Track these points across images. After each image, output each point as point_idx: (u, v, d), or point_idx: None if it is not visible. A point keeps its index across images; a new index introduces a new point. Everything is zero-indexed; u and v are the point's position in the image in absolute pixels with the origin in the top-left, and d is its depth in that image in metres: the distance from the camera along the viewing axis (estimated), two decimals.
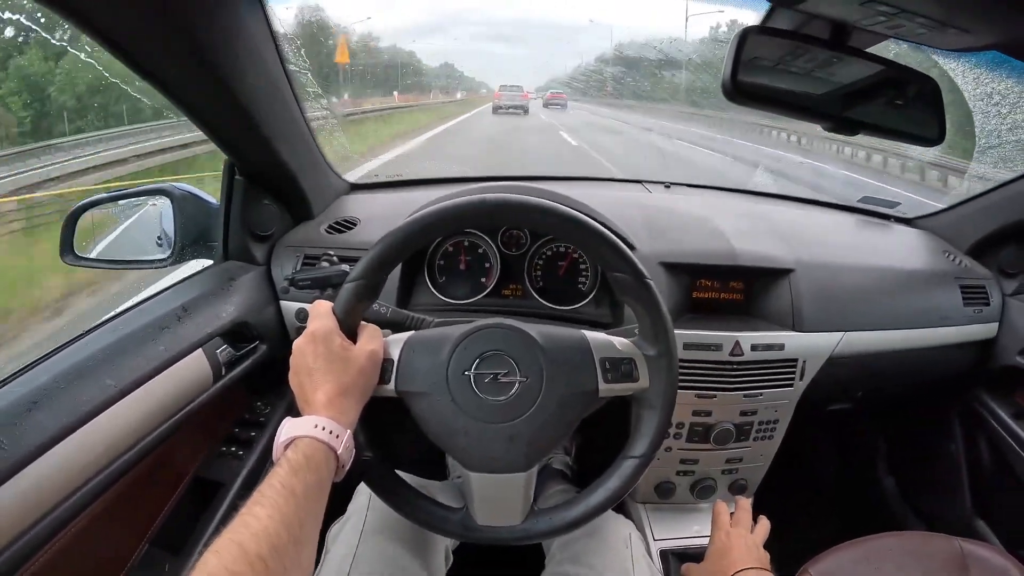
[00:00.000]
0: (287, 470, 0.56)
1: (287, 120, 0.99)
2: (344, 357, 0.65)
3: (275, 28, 0.85)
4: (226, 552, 0.47)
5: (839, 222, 1.44)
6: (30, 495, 0.64)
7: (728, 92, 0.65)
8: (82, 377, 0.74)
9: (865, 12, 0.60)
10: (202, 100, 0.84)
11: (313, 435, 0.59)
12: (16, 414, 0.66)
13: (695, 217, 1.22)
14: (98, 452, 0.73)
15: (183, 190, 1.08)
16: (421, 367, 0.70)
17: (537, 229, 1.06)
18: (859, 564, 0.95)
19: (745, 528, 0.89)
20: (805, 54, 0.69)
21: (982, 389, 1.30)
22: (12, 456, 0.62)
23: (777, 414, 1.12)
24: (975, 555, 0.94)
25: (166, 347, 0.85)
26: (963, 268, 1.26)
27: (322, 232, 1.13)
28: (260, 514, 0.51)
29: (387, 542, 0.82)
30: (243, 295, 1.02)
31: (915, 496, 1.53)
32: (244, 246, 1.07)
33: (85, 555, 0.78)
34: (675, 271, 1.07)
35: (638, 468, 0.71)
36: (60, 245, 1.04)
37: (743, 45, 0.65)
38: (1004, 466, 1.25)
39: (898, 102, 0.73)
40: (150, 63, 0.72)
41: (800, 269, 1.10)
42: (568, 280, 1.11)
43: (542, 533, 0.74)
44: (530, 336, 0.70)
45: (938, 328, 1.17)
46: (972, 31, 0.62)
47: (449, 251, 1.11)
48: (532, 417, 0.68)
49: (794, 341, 1.06)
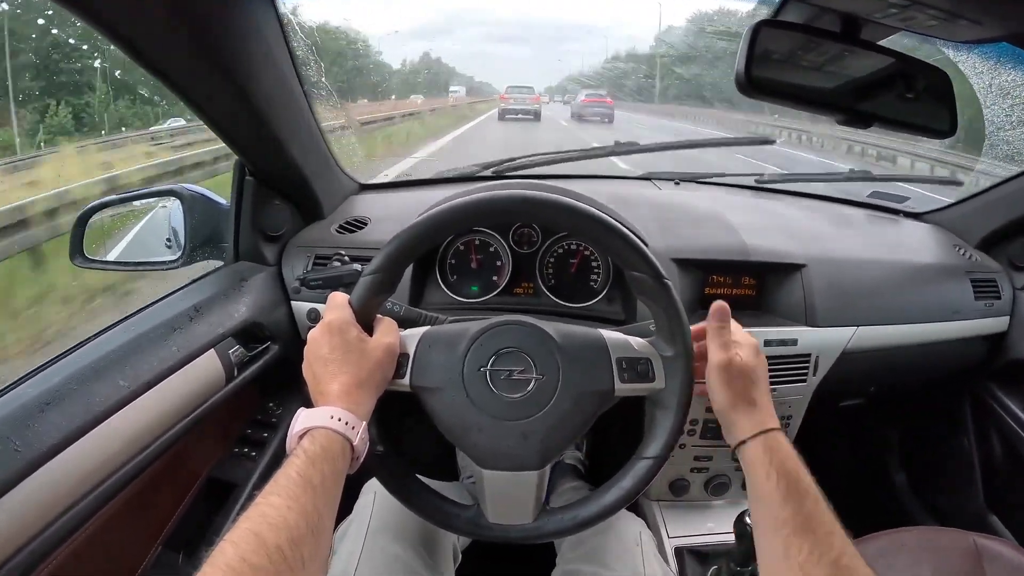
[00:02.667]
0: (304, 460, 0.55)
1: (298, 121, 0.99)
2: (360, 349, 0.65)
3: (288, 31, 0.86)
4: (243, 542, 0.47)
5: (849, 217, 1.43)
6: (44, 496, 0.64)
7: (742, 86, 0.65)
8: (95, 378, 0.74)
9: (876, 5, 0.60)
10: (214, 102, 0.84)
11: (329, 426, 0.59)
12: (29, 415, 0.66)
13: (706, 213, 1.23)
14: (111, 453, 0.73)
15: (193, 191, 1.08)
16: (437, 362, 0.70)
17: (554, 227, 1.05)
18: (873, 559, 0.93)
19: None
20: (817, 47, 0.69)
21: (994, 383, 1.30)
22: (26, 457, 0.63)
23: (791, 410, 1.12)
24: (989, 550, 0.94)
25: (179, 348, 0.85)
26: (973, 262, 1.26)
27: (333, 232, 1.13)
28: (278, 504, 0.51)
29: (393, 541, 0.82)
30: (254, 295, 1.02)
31: (928, 491, 1.52)
32: (255, 247, 1.08)
33: (99, 556, 0.79)
34: (687, 267, 1.07)
35: (652, 469, 0.71)
36: (70, 247, 1.04)
37: (756, 39, 0.65)
38: (1016, 460, 1.25)
39: (909, 95, 0.73)
40: (164, 64, 0.73)
41: (812, 264, 1.10)
42: (580, 277, 1.11)
43: (554, 532, 0.73)
44: (547, 334, 0.70)
45: (949, 322, 1.17)
46: (983, 22, 0.61)
47: (460, 250, 1.11)
48: (547, 415, 0.68)
49: (807, 336, 1.06)
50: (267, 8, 0.80)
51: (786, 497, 0.59)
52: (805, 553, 0.54)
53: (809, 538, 0.55)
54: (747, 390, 0.68)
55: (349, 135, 1.36)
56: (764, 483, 0.61)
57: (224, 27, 0.73)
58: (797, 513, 0.57)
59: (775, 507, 0.59)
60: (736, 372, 0.69)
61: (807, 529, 0.55)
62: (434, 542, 0.86)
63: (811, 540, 0.54)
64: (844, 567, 0.52)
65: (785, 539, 0.56)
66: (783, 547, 0.56)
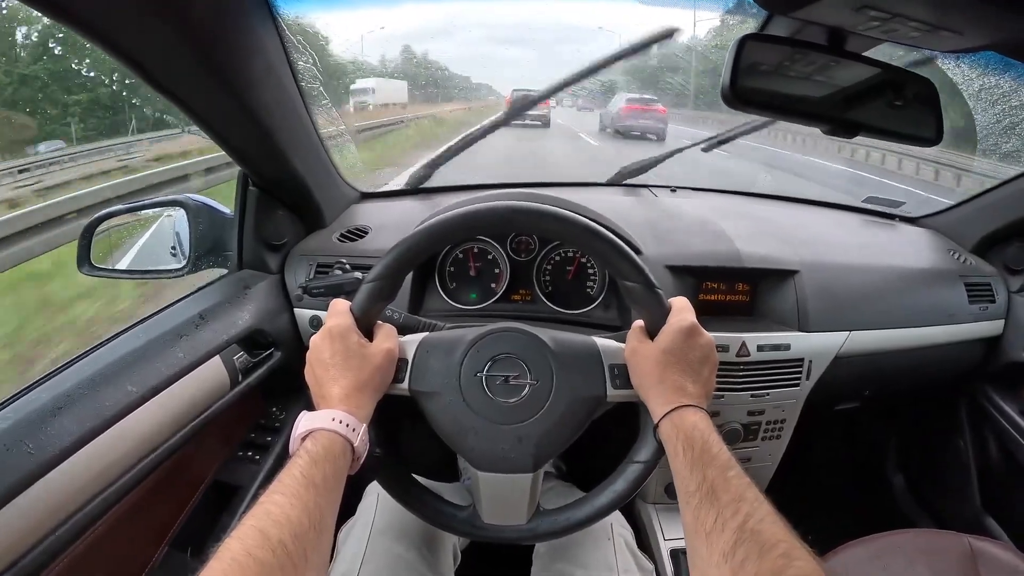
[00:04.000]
0: (307, 461, 0.58)
1: (300, 132, 1.01)
2: (361, 354, 0.67)
3: (288, 45, 0.88)
4: (248, 538, 0.49)
5: (843, 222, 1.45)
6: (56, 498, 0.66)
7: (727, 98, 0.67)
8: (105, 383, 0.76)
9: (859, 18, 0.61)
10: (218, 115, 0.86)
11: (331, 428, 0.61)
12: (42, 419, 0.67)
13: (700, 220, 1.24)
14: (120, 456, 0.75)
15: (198, 201, 1.10)
16: (435, 367, 0.72)
17: (551, 237, 1.07)
18: (869, 562, 0.96)
19: None
20: (803, 59, 0.70)
21: (989, 386, 1.31)
22: (38, 460, 0.64)
23: (784, 414, 1.13)
24: (984, 552, 0.95)
25: (185, 354, 0.87)
26: (968, 266, 1.27)
27: (334, 241, 1.15)
28: (281, 502, 0.53)
29: (396, 542, 0.84)
30: (258, 303, 1.04)
31: (924, 493, 1.53)
32: (258, 255, 1.10)
33: (107, 557, 0.80)
34: (681, 274, 1.09)
35: (643, 472, 0.73)
36: (77, 255, 1.06)
37: (741, 52, 0.66)
38: (1012, 463, 1.26)
39: (896, 103, 0.74)
40: (168, 80, 0.74)
41: (805, 270, 1.11)
42: (576, 284, 1.13)
43: (547, 533, 0.75)
44: (542, 341, 0.72)
45: (944, 326, 1.18)
46: (965, 33, 0.63)
47: (459, 257, 1.13)
48: (541, 419, 0.70)
49: (800, 341, 1.07)
50: (268, 25, 0.82)
51: (692, 468, 0.59)
52: (711, 522, 0.54)
53: (715, 506, 0.55)
54: (661, 373, 0.67)
55: (349, 143, 1.37)
56: (673, 458, 0.62)
57: (228, 46, 0.75)
58: (703, 483, 0.57)
59: (684, 479, 0.59)
60: (644, 356, 0.69)
61: (712, 498, 0.55)
62: (435, 543, 0.88)
63: (716, 508, 0.54)
64: (750, 531, 0.51)
65: (694, 510, 0.56)
66: (693, 518, 0.56)
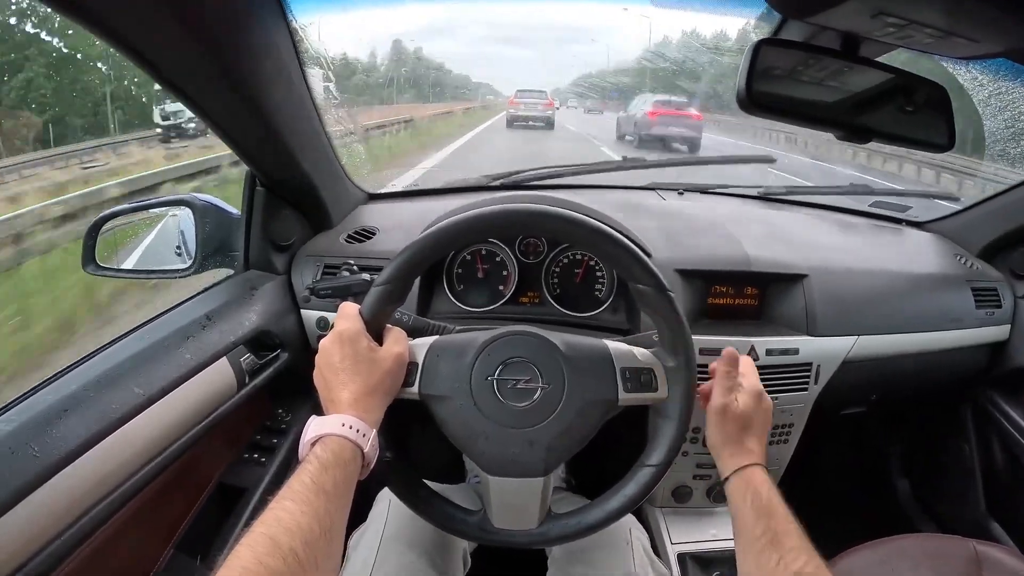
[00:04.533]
0: (317, 467, 0.57)
1: (309, 133, 1.01)
2: (370, 358, 0.67)
3: (299, 46, 0.87)
4: (259, 545, 0.48)
5: (852, 226, 1.44)
6: (62, 500, 0.66)
7: (743, 103, 0.66)
8: (111, 385, 0.75)
9: (875, 24, 0.61)
10: (228, 115, 0.86)
11: (341, 433, 0.61)
12: (48, 422, 0.67)
13: (709, 223, 1.24)
14: (126, 458, 0.74)
15: (204, 201, 1.09)
16: (445, 371, 0.71)
17: (561, 239, 1.07)
18: (874, 566, 0.95)
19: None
20: (816, 64, 0.70)
21: (995, 391, 1.31)
22: (44, 462, 0.64)
23: (792, 418, 1.13)
24: (989, 557, 0.95)
25: (191, 355, 0.86)
26: (975, 271, 1.27)
27: (341, 242, 1.15)
28: (292, 509, 0.52)
29: (407, 548, 0.83)
30: (265, 304, 1.03)
31: (929, 498, 1.53)
32: (265, 256, 1.09)
33: (113, 560, 0.80)
34: (690, 277, 1.08)
35: (655, 476, 0.72)
36: (82, 255, 1.05)
37: (757, 56, 0.66)
38: (1017, 468, 1.26)
39: (908, 109, 0.74)
40: (179, 79, 0.74)
41: (813, 274, 1.11)
42: (585, 287, 1.13)
43: (559, 537, 0.75)
44: (553, 344, 0.72)
45: (950, 331, 1.18)
46: (980, 40, 0.63)
47: (467, 260, 1.13)
48: (552, 423, 0.70)
49: (808, 345, 1.07)
50: (280, 26, 0.81)
51: (758, 517, 0.67)
52: (773, 563, 0.62)
53: (778, 551, 0.63)
54: (738, 434, 0.74)
55: (357, 144, 1.37)
56: (741, 507, 0.69)
57: (239, 46, 0.75)
58: (767, 531, 0.65)
59: (750, 526, 0.67)
60: (731, 417, 0.74)
61: (776, 544, 0.63)
62: (446, 548, 0.87)
63: (779, 552, 0.62)
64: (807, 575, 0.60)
65: (757, 553, 0.64)
66: (755, 560, 0.64)
